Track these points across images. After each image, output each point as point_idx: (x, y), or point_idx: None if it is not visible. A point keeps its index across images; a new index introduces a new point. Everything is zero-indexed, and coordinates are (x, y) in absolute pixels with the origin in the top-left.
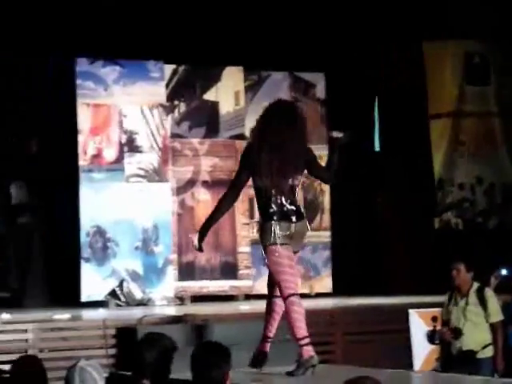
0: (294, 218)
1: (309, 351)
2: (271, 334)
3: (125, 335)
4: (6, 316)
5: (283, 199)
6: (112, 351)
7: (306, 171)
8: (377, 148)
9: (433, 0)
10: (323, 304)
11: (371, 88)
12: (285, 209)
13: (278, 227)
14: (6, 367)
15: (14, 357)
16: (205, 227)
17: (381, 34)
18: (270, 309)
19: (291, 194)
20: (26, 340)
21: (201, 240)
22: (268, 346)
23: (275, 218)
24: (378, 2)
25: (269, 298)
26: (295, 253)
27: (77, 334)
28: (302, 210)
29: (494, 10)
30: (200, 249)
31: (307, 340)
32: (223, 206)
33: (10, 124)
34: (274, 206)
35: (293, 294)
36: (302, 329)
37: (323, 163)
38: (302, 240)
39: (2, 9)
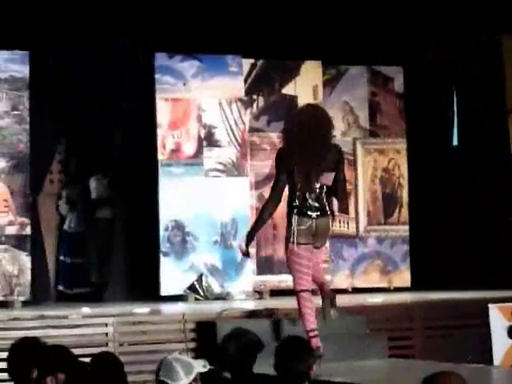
0: (314, 214)
1: (316, 343)
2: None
3: (204, 329)
4: (86, 310)
5: (307, 195)
6: (191, 345)
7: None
8: (455, 142)
9: None
10: (402, 298)
11: (449, 82)
12: (307, 204)
13: (296, 221)
14: (87, 360)
15: (94, 350)
16: (252, 232)
17: (459, 27)
18: None
19: (319, 192)
20: (106, 334)
21: (248, 244)
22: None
23: (295, 211)
24: None
25: None
26: (318, 247)
27: (156, 328)
28: (328, 208)
29: None
30: (247, 253)
31: (315, 332)
32: (268, 210)
33: (90, 119)
34: (297, 200)
35: (303, 290)
36: (310, 322)
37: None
38: (325, 237)
39: (83, 9)
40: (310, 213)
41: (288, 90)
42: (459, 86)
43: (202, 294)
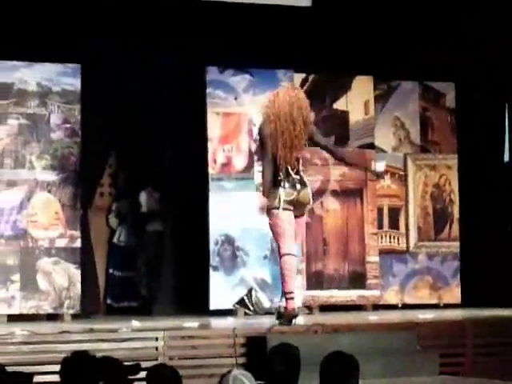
0: (298, 186)
1: (292, 304)
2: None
3: (254, 344)
4: (136, 324)
5: (289, 169)
6: (241, 360)
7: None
8: (506, 158)
9: None
10: (452, 315)
11: (501, 97)
12: (290, 178)
13: (283, 193)
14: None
15: (144, 364)
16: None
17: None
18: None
19: (297, 164)
20: (156, 348)
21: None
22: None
23: (282, 184)
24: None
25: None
26: (298, 217)
27: (206, 343)
28: (306, 179)
29: None
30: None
31: (292, 295)
32: (267, 177)
33: (141, 132)
34: (281, 174)
35: (287, 254)
36: (289, 284)
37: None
38: (305, 207)
39: (136, 22)
40: (296, 185)
41: (339, 104)
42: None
43: (251, 308)
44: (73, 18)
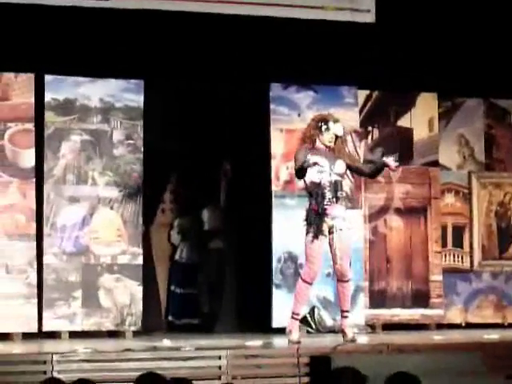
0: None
1: (289, 325)
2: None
3: (318, 364)
4: (199, 342)
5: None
6: (305, 380)
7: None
8: None
9: None
10: None
11: None
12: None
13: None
14: None
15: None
16: None
17: None
18: None
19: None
20: (220, 367)
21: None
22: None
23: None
24: None
25: None
26: None
27: (270, 362)
28: None
29: None
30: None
31: (296, 316)
32: None
33: (205, 149)
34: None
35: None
36: (295, 306)
37: None
38: None
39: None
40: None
41: (403, 122)
42: None
43: (314, 326)
44: (135, 34)
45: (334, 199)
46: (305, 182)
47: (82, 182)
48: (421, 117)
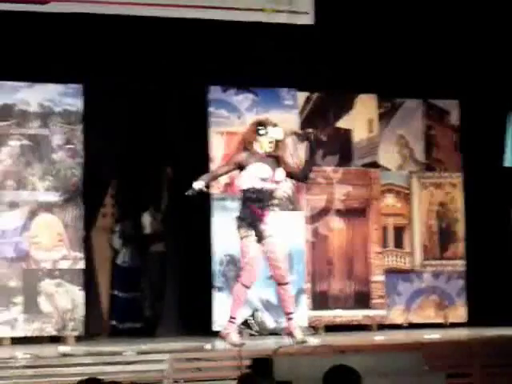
0: None
1: (226, 328)
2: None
3: (260, 366)
4: (141, 346)
5: None
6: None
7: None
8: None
9: None
10: (459, 334)
11: (505, 115)
12: None
13: None
14: None
15: None
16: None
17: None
18: None
19: None
20: (162, 370)
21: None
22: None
23: None
24: None
25: None
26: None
27: (212, 365)
28: None
29: None
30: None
31: (233, 320)
32: None
33: (145, 153)
34: None
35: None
36: (234, 310)
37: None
38: None
39: (140, 44)
40: None
41: (343, 123)
42: None
43: (255, 329)
44: (73, 38)
45: (270, 205)
46: (242, 186)
47: (21, 187)
48: (360, 118)
